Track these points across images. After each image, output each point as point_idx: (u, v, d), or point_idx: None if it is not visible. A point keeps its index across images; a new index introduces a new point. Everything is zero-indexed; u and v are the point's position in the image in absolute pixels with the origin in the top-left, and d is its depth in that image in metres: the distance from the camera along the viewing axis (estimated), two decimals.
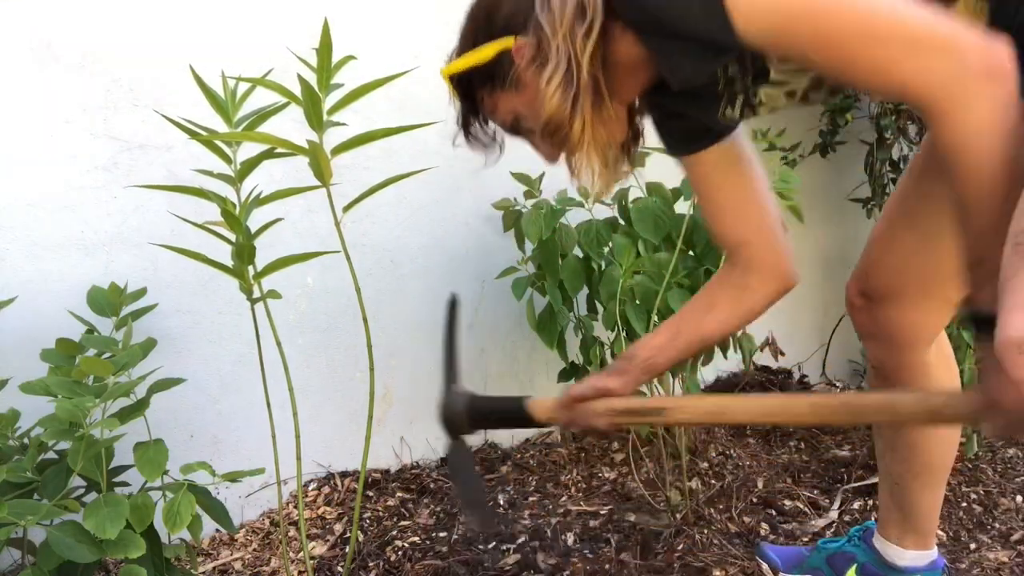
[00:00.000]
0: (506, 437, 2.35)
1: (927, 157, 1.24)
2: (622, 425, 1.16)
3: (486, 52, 1.00)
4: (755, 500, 1.95)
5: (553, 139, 1.00)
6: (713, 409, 1.07)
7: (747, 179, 1.18)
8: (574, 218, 2.04)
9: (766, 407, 1.04)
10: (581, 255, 2.00)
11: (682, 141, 1.17)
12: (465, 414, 1.27)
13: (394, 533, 1.80)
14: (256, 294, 1.36)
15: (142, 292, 1.59)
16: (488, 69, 1.01)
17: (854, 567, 1.46)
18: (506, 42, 0.98)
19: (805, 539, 1.77)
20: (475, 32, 1.03)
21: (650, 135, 1.18)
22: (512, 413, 1.23)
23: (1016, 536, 1.76)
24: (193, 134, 1.32)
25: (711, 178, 1.18)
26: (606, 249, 1.93)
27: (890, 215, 1.31)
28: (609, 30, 0.94)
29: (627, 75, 1.00)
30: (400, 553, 1.73)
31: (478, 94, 1.05)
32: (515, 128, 1.07)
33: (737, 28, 0.83)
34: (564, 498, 2.00)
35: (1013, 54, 0.78)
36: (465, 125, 1.10)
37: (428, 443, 2.20)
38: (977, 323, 0.88)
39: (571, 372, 2.12)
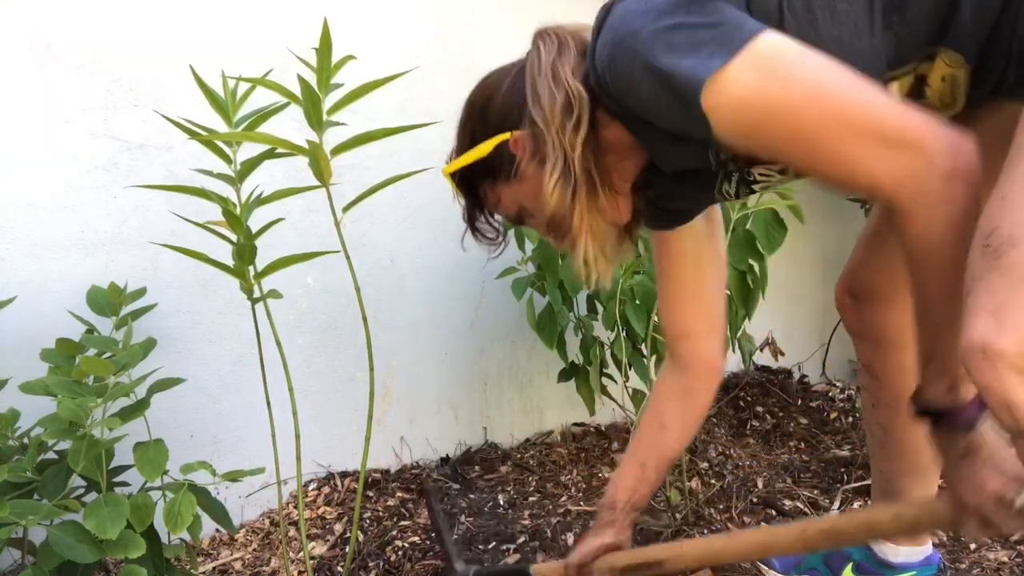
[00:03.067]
0: (506, 437, 2.35)
1: None
2: None
3: (485, 148, 1.02)
4: (755, 500, 1.95)
5: (557, 232, 1.03)
6: (708, 553, 1.15)
7: (709, 271, 1.22)
8: None
9: (757, 543, 1.09)
10: None
11: (669, 217, 1.19)
12: None
13: (394, 533, 1.80)
14: (256, 294, 1.36)
15: (142, 292, 1.59)
16: (488, 163, 1.04)
17: (850, 565, 1.46)
18: (503, 136, 1.01)
19: None
20: (472, 130, 1.05)
21: None
22: None
23: (1016, 536, 1.76)
24: (193, 134, 1.32)
25: (677, 261, 1.21)
26: None
27: (875, 217, 1.32)
28: (598, 117, 0.96)
29: (621, 158, 1.02)
30: (400, 553, 1.73)
31: (480, 189, 1.08)
32: (520, 219, 1.09)
33: (714, 127, 0.84)
34: (564, 498, 2.00)
35: (979, 152, 0.79)
36: (471, 220, 1.12)
37: (428, 443, 2.20)
38: (929, 417, 0.90)
39: (571, 372, 2.12)
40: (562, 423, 2.45)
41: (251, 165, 1.32)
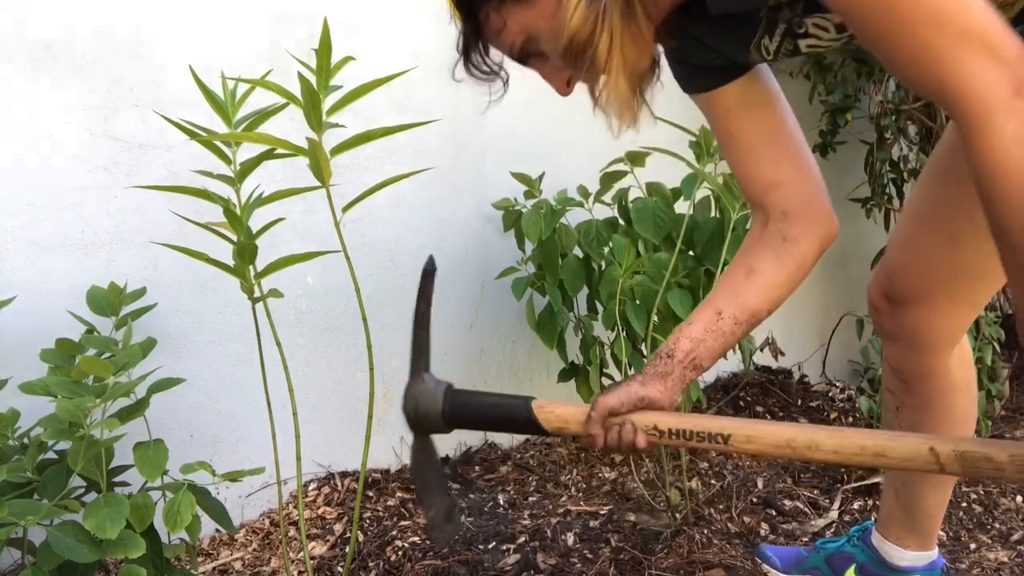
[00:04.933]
0: (506, 437, 2.35)
1: (950, 162, 1.17)
2: (667, 446, 0.98)
3: None
4: (755, 500, 1.95)
5: (576, 62, 0.86)
6: (794, 439, 0.90)
7: (773, 114, 1.06)
8: (574, 218, 2.04)
9: (859, 445, 0.88)
10: (581, 255, 2.00)
11: (699, 76, 1.06)
12: (442, 411, 1.07)
13: (394, 533, 1.80)
14: (256, 294, 1.37)
15: (142, 292, 1.59)
16: None
17: (853, 567, 1.46)
18: None
19: (805, 539, 1.77)
20: None
21: (653, 128, 1.07)
22: (509, 417, 1.03)
23: (1016, 536, 1.76)
24: (193, 135, 1.32)
25: (732, 114, 1.05)
26: (606, 249, 1.93)
27: (912, 218, 1.27)
28: None
29: None
30: (400, 553, 1.73)
31: (482, 12, 0.91)
32: (525, 52, 0.93)
33: None
34: (564, 498, 2.00)
35: None
36: (466, 51, 0.96)
37: None
38: None
39: (571, 372, 2.12)
40: None
41: (251, 165, 1.32)
